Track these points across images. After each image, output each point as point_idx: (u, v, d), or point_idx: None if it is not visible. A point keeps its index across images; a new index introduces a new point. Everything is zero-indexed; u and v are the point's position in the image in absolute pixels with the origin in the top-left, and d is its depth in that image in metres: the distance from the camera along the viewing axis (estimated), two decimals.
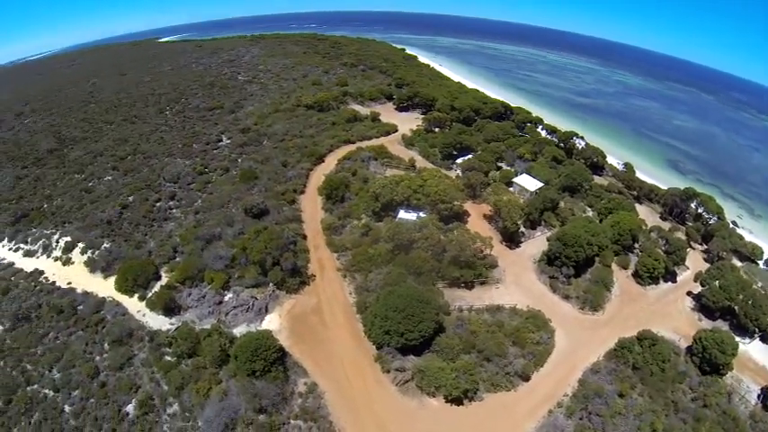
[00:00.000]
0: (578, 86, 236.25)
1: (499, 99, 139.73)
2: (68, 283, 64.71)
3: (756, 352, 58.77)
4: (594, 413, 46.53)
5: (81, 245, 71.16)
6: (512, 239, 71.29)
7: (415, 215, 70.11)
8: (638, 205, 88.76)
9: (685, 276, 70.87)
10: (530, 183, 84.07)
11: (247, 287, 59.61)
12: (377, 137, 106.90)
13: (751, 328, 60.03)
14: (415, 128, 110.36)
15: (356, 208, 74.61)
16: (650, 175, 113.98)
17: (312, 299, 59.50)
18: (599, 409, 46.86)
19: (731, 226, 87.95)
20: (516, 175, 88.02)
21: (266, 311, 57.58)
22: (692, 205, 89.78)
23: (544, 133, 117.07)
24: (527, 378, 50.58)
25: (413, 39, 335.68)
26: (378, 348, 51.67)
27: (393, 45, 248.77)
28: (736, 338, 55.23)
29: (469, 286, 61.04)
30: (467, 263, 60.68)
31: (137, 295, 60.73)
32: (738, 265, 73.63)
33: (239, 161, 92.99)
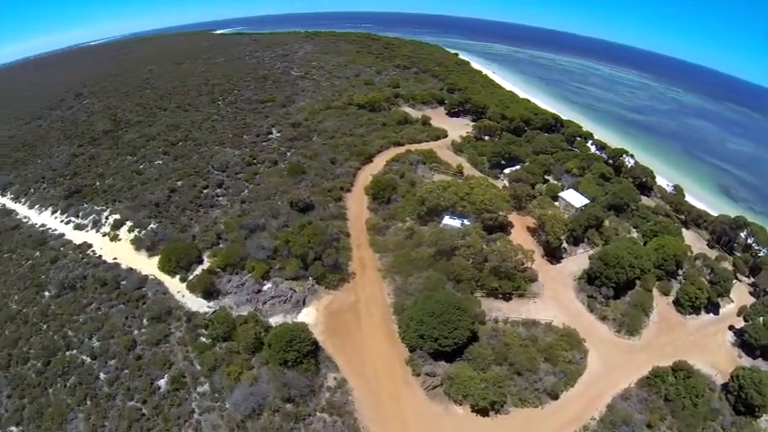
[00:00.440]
0: (631, 102, 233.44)
1: (550, 111, 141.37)
2: (114, 259, 70.71)
3: None
4: None
5: (129, 223, 77.53)
6: (553, 255, 72.64)
7: (460, 222, 72.27)
8: (684, 230, 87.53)
9: (728, 309, 69.02)
10: (576, 198, 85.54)
11: (287, 279, 63.07)
12: (426, 141, 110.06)
13: None
14: (464, 134, 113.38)
15: (402, 210, 77.39)
16: (700, 199, 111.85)
17: (350, 296, 62.13)
18: None
19: None
20: (563, 190, 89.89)
21: (303, 304, 60.66)
22: (742, 235, 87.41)
23: (594, 149, 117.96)
24: (555, 396, 51.20)
25: (466, 44, 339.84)
26: (410, 351, 53.79)
27: (446, 49, 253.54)
28: None
29: (507, 298, 62.67)
30: (507, 274, 62.47)
31: (178, 276, 65.48)
32: None
33: (288, 155, 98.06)
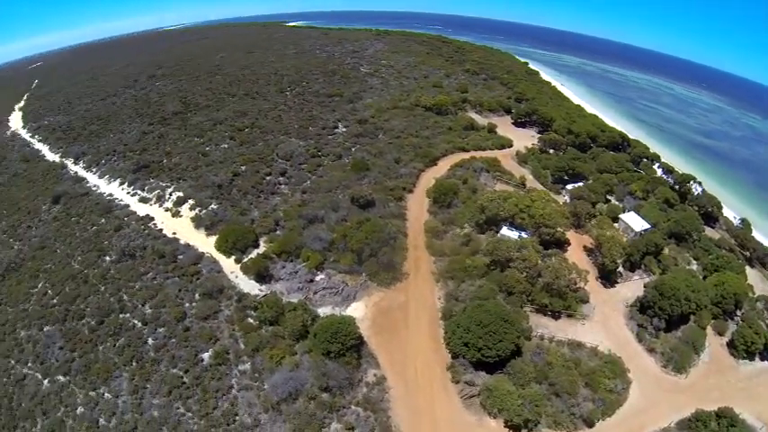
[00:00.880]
0: (703, 125, 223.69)
1: (617, 128, 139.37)
2: (173, 234, 76.89)
3: None
4: None
5: (191, 201, 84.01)
6: (608, 278, 72.22)
7: (518, 234, 73.67)
8: (748, 268, 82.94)
9: None
10: (636, 222, 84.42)
11: (340, 272, 66.15)
12: (491, 149, 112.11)
13: None
14: (529, 146, 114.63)
15: (461, 216, 79.56)
16: None
17: (401, 296, 64.34)
18: None
19: None
20: (624, 212, 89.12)
21: (354, 299, 63.43)
22: None
23: (660, 172, 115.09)
24: (591, 424, 50.87)
25: (537, 53, 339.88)
26: (453, 357, 55.40)
27: (516, 57, 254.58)
28: None
29: (556, 316, 63.13)
30: (558, 292, 63.03)
31: (233, 257, 70.12)
32: None
33: (353, 150, 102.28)
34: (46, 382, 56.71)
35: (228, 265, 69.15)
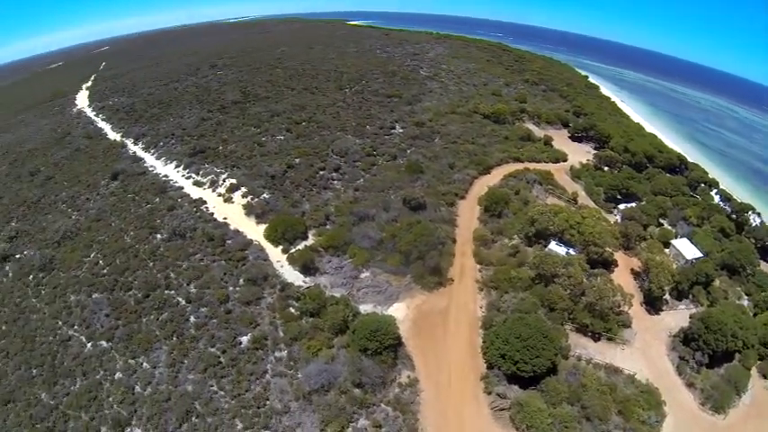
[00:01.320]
0: (766, 152, 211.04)
1: (676, 150, 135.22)
2: (224, 218, 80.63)
3: None
4: None
5: (243, 189, 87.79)
6: (653, 304, 70.36)
7: (565, 250, 73.34)
8: None
9: None
10: (688, 249, 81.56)
11: (386, 272, 67.54)
12: (545, 161, 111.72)
13: None
14: (584, 161, 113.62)
15: (510, 227, 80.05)
16: None
17: (443, 301, 65.03)
18: None
19: None
20: (676, 237, 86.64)
21: (396, 299, 64.47)
22: None
23: (717, 198, 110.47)
24: None
25: (598, 67, 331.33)
26: (488, 368, 55.64)
27: (577, 70, 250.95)
28: None
29: (596, 338, 62.39)
30: (601, 313, 62.29)
31: (281, 247, 72.93)
32: None
33: (408, 152, 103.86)
34: (89, 345, 60.93)
35: (275, 254, 71.91)
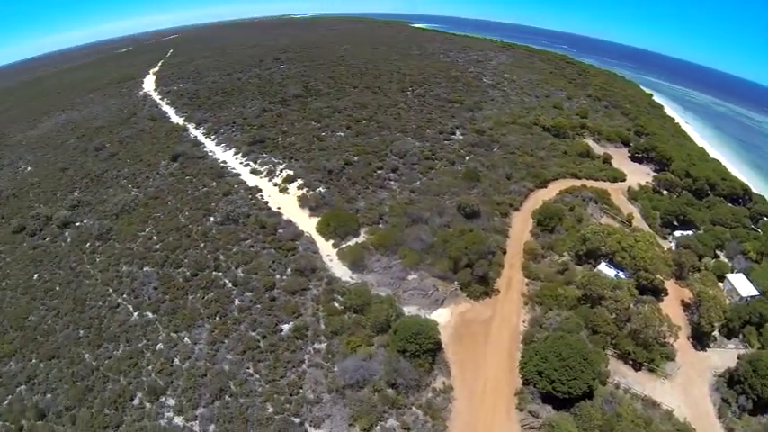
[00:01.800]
0: None
1: (740, 179, 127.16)
2: (278, 208, 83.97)
3: None
4: None
5: (300, 181, 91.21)
6: (700, 339, 67.76)
7: (615, 273, 72.19)
8: None
9: None
10: (744, 286, 77.24)
11: (433, 276, 68.45)
12: (603, 180, 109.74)
13: None
14: (643, 183, 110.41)
15: (562, 243, 79.57)
16: None
17: (487, 311, 65.58)
18: None
19: None
20: (732, 272, 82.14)
21: (440, 304, 65.31)
22: None
23: None
24: None
25: (664, 86, 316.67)
26: (524, 384, 55.44)
27: (641, 87, 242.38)
28: None
29: (636, 367, 60.91)
30: (644, 342, 60.88)
31: (332, 242, 75.31)
32: None
33: (466, 159, 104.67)
34: (135, 314, 65.24)
35: (325, 248, 74.29)
